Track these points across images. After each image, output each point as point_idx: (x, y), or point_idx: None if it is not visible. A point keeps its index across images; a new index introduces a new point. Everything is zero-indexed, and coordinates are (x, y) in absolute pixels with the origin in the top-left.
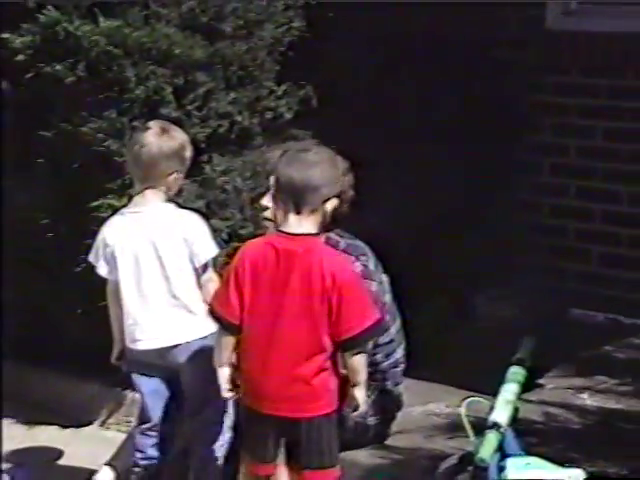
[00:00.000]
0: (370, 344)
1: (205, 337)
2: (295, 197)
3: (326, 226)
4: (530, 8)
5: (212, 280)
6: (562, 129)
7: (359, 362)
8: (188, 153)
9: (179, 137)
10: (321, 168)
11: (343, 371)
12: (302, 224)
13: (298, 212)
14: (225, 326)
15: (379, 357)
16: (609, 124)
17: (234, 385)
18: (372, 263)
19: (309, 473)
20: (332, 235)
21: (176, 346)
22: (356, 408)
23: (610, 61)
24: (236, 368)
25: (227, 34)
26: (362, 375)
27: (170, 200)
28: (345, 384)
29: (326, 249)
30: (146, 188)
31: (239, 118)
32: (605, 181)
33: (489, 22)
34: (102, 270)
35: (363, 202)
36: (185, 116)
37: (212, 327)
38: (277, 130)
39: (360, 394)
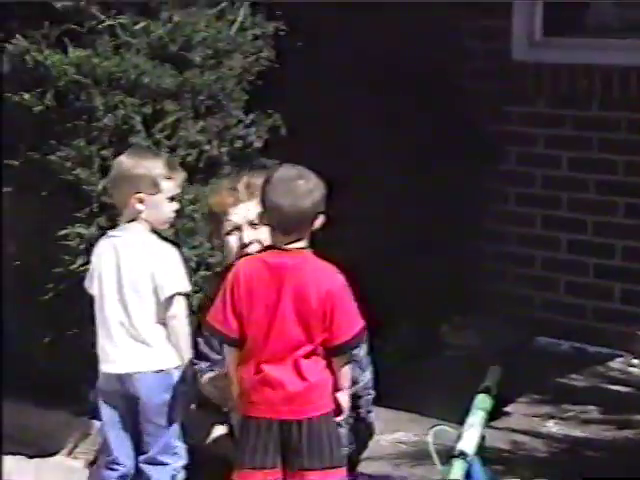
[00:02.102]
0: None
1: (162, 371)
2: (285, 225)
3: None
4: (496, 39)
5: (176, 317)
6: (528, 159)
7: (347, 367)
8: (155, 174)
9: (142, 159)
10: (311, 196)
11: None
12: (291, 243)
13: (286, 235)
14: (226, 341)
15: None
16: (574, 154)
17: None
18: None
19: (312, 475)
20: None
21: (133, 375)
22: (340, 413)
23: (575, 92)
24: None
25: (196, 63)
26: (348, 381)
27: (156, 231)
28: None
29: (316, 261)
30: (124, 214)
31: (208, 147)
32: (571, 210)
33: (456, 53)
34: (88, 288)
35: (330, 231)
36: (154, 145)
37: (172, 362)
38: (246, 159)
39: (345, 398)
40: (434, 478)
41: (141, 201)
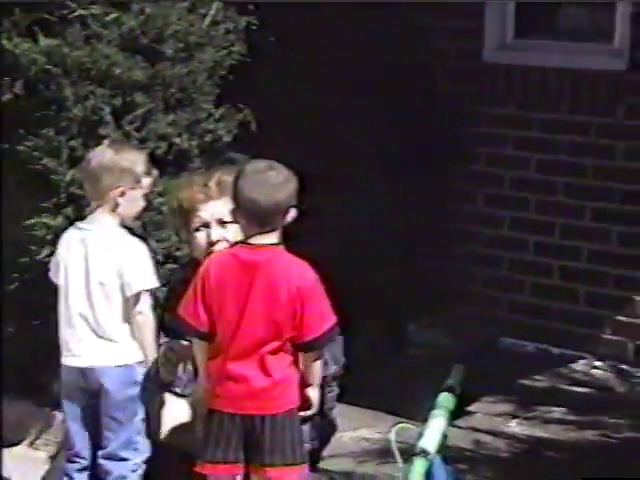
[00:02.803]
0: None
1: (125, 366)
2: (260, 217)
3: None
4: (468, 41)
5: (142, 313)
6: (497, 160)
7: (317, 363)
8: (138, 170)
9: (127, 152)
10: (285, 188)
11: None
12: (265, 236)
13: (262, 227)
14: (196, 334)
15: None
16: (543, 156)
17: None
18: None
19: (273, 471)
20: None
21: (95, 369)
22: (308, 408)
23: (544, 94)
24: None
25: (168, 56)
26: (318, 377)
27: (125, 225)
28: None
29: (288, 257)
30: (97, 206)
31: (178, 140)
32: (539, 212)
33: (427, 53)
34: (53, 277)
35: (299, 226)
36: (124, 137)
37: (135, 357)
38: (216, 152)
39: (314, 394)
40: (395, 475)
41: (122, 194)
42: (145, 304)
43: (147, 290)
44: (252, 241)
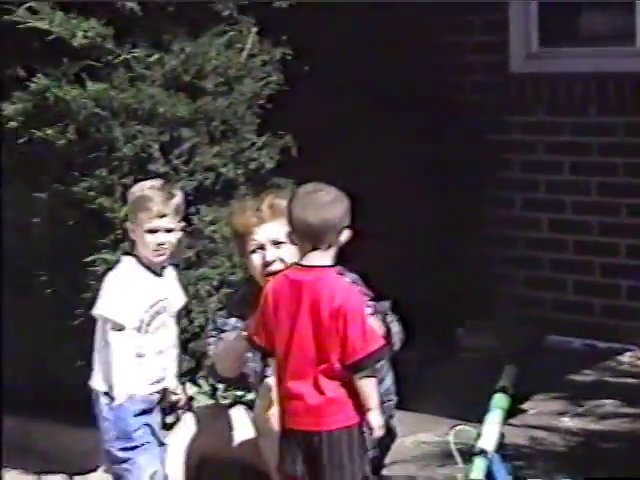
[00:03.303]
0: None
1: (95, 393)
2: (311, 237)
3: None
4: (494, 53)
5: (110, 345)
6: (531, 165)
7: (367, 385)
8: (130, 204)
9: (138, 185)
10: (334, 206)
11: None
12: (318, 257)
13: (315, 248)
14: (263, 351)
15: None
16: (575, 159)
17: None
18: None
19: None
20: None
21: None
22: (372, 432)
23: (572, 99)
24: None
25: (209, 91)
26: (373, 399)
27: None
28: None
29: (334, 278)
30: None
31: (224, 170)
32: (576, 213)
33: (456, 67)
34: None
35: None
36: (173, 171)
37: (99, 385)
38: (260, 180)
39: (374, 418)
40: (457, 476)
41: (131, 230)
42: (112, 337)
43: (107, 319)
44: (303, 262)
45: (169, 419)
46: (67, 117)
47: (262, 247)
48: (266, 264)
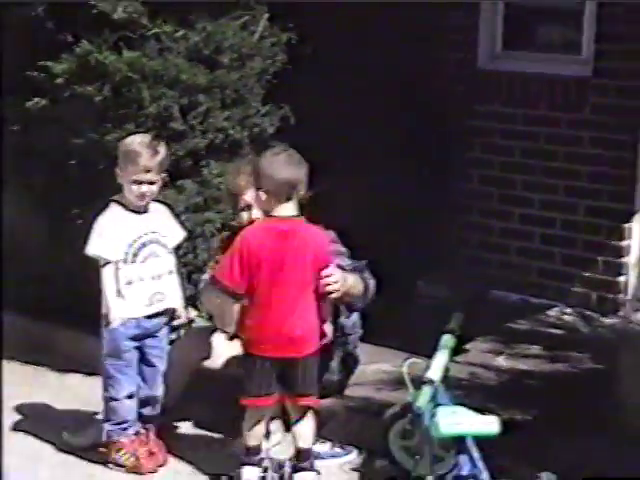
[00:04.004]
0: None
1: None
2: (289, 190)
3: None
4: (465, 51)
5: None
6: (488, 148)
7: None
8: (121, 153)
9: (127, 139)
10: (304, 164)
11: None
12: (291, 209)
13: (288, 200)
14: (230, 294)
15: (342, 319)
16: (525, 144)
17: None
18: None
19: (306, 399)
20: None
21: None
22: (323, 337)
23: (527, 95)
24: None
25: (224, 64)
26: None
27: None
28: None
29: (308, 225)
30: None
31: (232, 132)
32: (522, 190)
33: (434, 62)
34: None
35: (325, 202)
36: (189, 129)
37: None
38: (262, 142)
39: (329, 328)
40: (407, 400)
41: (119, 176)
42: (101, 269)
43: (94, 255)
44: (279, 213)
45: (172, 336)
46: (104, 78)
47: (249, 207)
48: (252, 221)
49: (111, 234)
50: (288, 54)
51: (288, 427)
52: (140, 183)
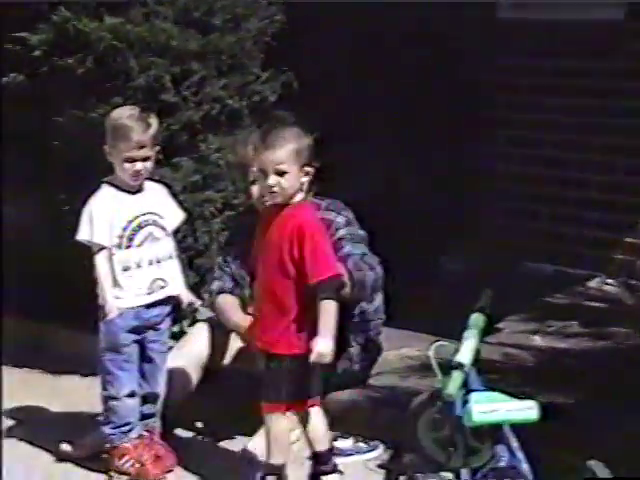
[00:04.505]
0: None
1: None
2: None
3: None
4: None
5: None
6: (514, 105)
7: (327, 309)
8: (110, 129)
9: (114, 113)
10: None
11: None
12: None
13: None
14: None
15: (363, 304)
16: (553, 100)
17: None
18: (352, 216)
19: (265, 406)
20: (316, 199)
21: None
22: (321, 356)
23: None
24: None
25: (218, 27)
26: (329, 323)
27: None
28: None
29: (298, 207)
30: None
31: (230, 101)
32: (554, 150)
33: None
34: None
35: (344, 172)
36: (182, 101)
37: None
38: (263, 111)
39: (321, 345)
40: (436, 387)
41: (109, 153)
42: (94, 256)
43: (86, 241)
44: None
45: (174, 328)
46: (86, 48)
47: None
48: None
49: (103, 217)
50: (287, 13)
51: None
52: (133, 161)
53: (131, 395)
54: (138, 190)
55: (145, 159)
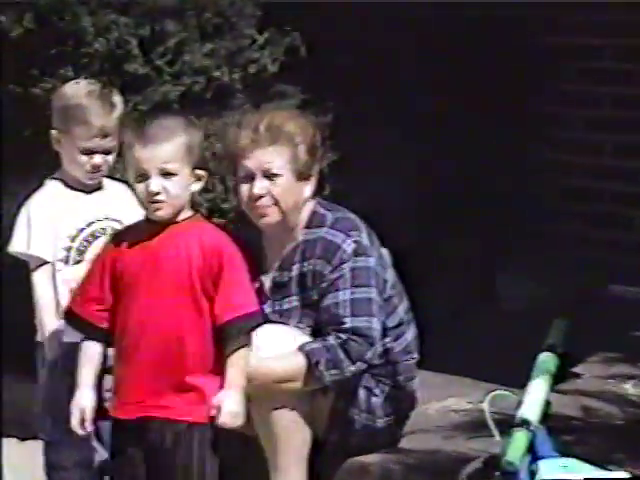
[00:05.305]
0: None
1: None
2: None
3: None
4: None
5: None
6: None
7: (241, 356)
8: (59, 110)
9: (73, 84)
10: None
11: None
12: None
13: None
14: None
15: (388, 341)
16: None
17: None
18: (365, 237)
19: None
20: (318, 208)
21: None
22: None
23: None
24: None
25: None
26: (239, 377)
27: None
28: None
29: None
30: None
31: (217, 73)
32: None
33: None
34: None
35: (361, 170)
36: (155, 72)
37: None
38: (261, 86)
39: (230, 402)
40: (492, 451)
41: (57, 141)
42: (32, 273)
43: (21, 254)
44: None
45: None
46: (24, 2)
47: (252, 176)
48: (253, 197)
49: (45, 223)
50: None
51: None
52: (92, 152)
53: (82, 464)
54: (94, 190)
55: (106, 151)
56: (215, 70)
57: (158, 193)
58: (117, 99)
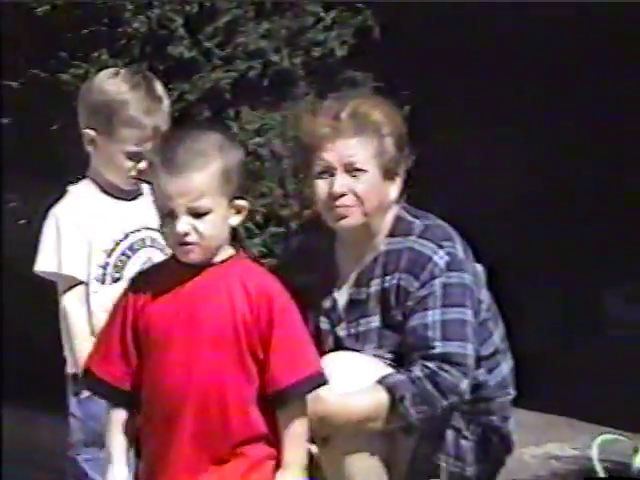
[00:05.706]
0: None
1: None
2: None
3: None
4: None
5: (62, 310)
6: None
7: (300, 428)
8: (95, 104)
9: (116, 78)
10: None
11: None
12: None
13: None
14: None
15: (481, 372)
16: None
17: None
18: (460, 249)
19: None
20: (404, 214)
21: None
22: None
23: None
24: None
25: None
26: (299, 454)
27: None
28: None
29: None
30: None
31: (275, 57)
32: None
33: None
34: None
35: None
36: (203, 56)
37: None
38: (327, 72)
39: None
40: None
41: (92, 141)
42: (64, 299)
43: (52, 274)
44: None
45: None
46: None
47: (332, 172)
48: (333, 196)
49: (77, 236)
50: None
51: None
52: (139, 156)
53: None
54: (135, 196)
55: None
56: (273, 54)
57: (187, 234)
58: (161, 89)
